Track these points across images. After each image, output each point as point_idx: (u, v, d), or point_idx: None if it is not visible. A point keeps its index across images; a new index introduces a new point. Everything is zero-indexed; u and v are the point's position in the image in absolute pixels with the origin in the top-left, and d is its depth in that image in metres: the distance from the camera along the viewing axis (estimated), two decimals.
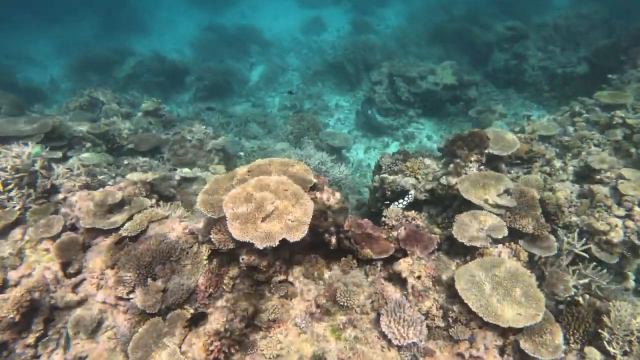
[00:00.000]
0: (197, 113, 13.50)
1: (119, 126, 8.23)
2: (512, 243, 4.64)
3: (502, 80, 14.67)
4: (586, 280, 4.68)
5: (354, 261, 4.46)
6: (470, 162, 5.99)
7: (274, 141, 11.20)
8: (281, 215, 3.73)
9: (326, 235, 4.33)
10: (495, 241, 4.61)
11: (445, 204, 6.04)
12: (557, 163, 6.20)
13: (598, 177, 5.61)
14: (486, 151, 6.00)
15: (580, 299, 4.25)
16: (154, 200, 5.43)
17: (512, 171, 6.39)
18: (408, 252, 4.29)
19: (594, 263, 4.88)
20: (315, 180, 4.37)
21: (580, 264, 4.86)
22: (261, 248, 3.57)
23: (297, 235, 3.61)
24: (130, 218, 4.76)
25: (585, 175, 5.91)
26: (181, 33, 24.88)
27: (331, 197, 4.38)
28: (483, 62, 15.74)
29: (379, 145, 13.17)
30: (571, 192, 5.69)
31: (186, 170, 6.59)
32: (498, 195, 5.17)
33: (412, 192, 6.17)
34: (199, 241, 4.45)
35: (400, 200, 6.03)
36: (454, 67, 13.37)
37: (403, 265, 4.17)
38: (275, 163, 4.53)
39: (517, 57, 14.41)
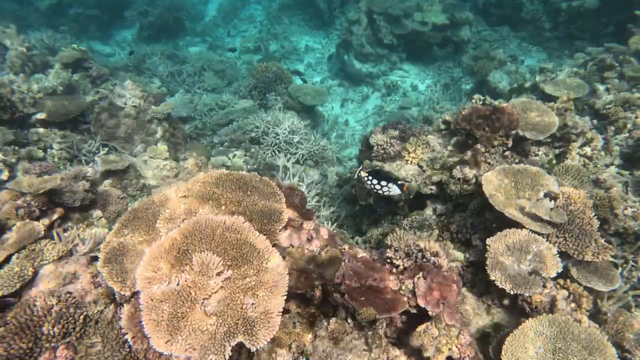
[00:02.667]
0: (140, 59, 11.19)
1: (23, 86, 6.19)
2: (566, 281, 3.33)
3: (495, 17, 12.84)
4: None
5: (349, 321, 3.07)
6: (493, 147, 4.53)
7: (235, 97, 9.28)
8: (233, 301, 2.21)
9: (307, 290, 2.88)
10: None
11: (459, 201, 4.65)
12: (599, 140, 4.81)
13: None
14: (514, 132, 4.53)
15: None
16: (54, 216, 3.75)
17: (540, 152, 4.98)
18: (430, 313, 2.91)
19: None
20: (286, 213, 2.81)
21: None
22: None
23: (262, 337, 2.11)
24: (5, 260, 3.13)
25: (638, 158, 4.58)
26: None
27: (315, 240, 2.86)
28: None
29: (357, 97, 11.45)
30: (623, 185, 4.37)
31: (111, 157, 4.82)
32: (537, 202, 3.79)
33: (408, 183, 4.69)
34: (116, 300, 2.90)
35: (375, 182, 4.32)
36: (444, 1, 11.43)
37: (425, 340, 2.81)
38: (225, 181, 2.90)
39: None
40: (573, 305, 3.14)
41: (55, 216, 3.65)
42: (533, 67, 10.45)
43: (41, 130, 6.05)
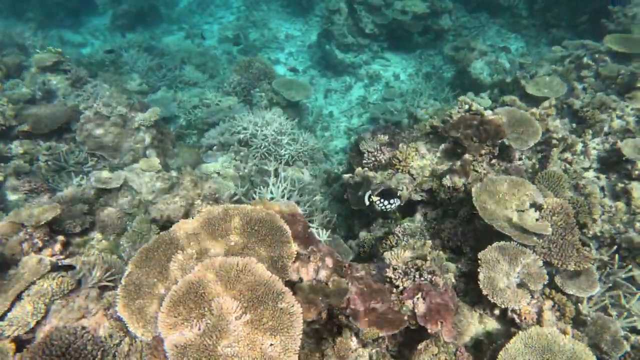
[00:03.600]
0: (116, 54, 10.87)
1: (2, 98, 6.03)
2: (551, 291, 3.59)
3: (474, 3, 12.91)
4: (633, 320, 3.82)
5: (354, 339, 3.26)
6: (480, 156, 4.72)
7: (218, 94, 9.20)
8: (253, 342, 2.35)
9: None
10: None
11: (448, 208, 4.86)
12: (577, 144, 5.06)
13: (636, 172, 4.54)
14: (500, 141, 4.73)
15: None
16: (57, 247, 3.78)
17: (523, 157, 5.21)
18: (429, 331, 3.12)
19: None
20: (294, 249, 2.94)
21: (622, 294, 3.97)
22: None
23: None
24: (16, 298, 3.18)
25: (613, 162, 4.85)
26: None
27: (322, 270, 3.01)
28: None
29: (340, 86, 11.47)
30: (599, 189, 4.65)
31: (105, 174, 4.82)
32: (523, 213, 4.02)
33: (400, 192, 4.87)
34: (130, 333, 3.01)
35: (385, 203, 4.68)
36: None
37: (426, 357, 3.03)
38: (232, 217, 2.99)
39: None
40: (558, 314, 3.41)
41: (57, 246, 3.68)
42: (513, 56, 10.66)
43: (25, 142, 5.95)
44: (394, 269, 3.46)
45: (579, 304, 3.74)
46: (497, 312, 3.57)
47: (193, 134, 8.57)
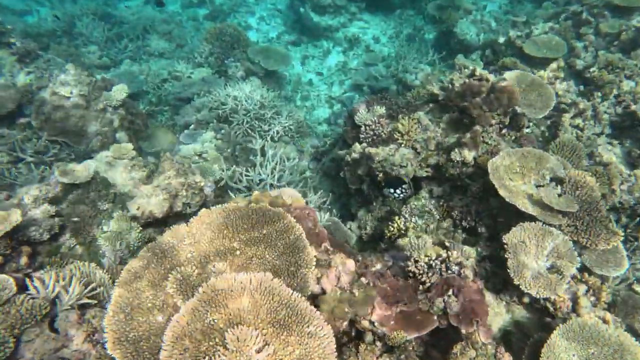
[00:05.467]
0: (69, 22, 9.76)
1: None
2: (583, 273, 3.33)
3: None
4: None
5: (377, 344, 2.92)
6: (490, 126, 4.35)
7: (189, 65, 8.40)
8: None
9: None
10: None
11: (456, 183, 4.51)
12: (589, 109, 4.75)
13: None
14: (511, 109, 4.36)
15: None
16: (23, 260, 3.21)
17: (531, 124, 4.88)
18: (463, 332, 2.80)
19: None
20: (313, 253, 2.50)
21: None
22: None
23: None
24: None
25: (627, 127, 4.58)
26: None
27: (343, 275, 2.59)
28: None
29: (318, 52, 10.79)
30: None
31: (70, 166, 4.18)
32: (545, 189, 3.71)
33: (405, 169, 4.52)
34: None
35: (394, 191, 4.46)
36: None
37: None
38: (235, 220, 2.51)
39: None
40: (592, 299, 3.17)
41: (23, 259, 3.12)
42: (496, 12, 10.22)
43: None
44: (416, 262, 3.10)
45: (605, 283, 3.53)
46: (526, 300, 3.30)
47: (165, 111, 7.84)
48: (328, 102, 9.64)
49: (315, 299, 2.42)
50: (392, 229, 4.34)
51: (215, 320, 2.04)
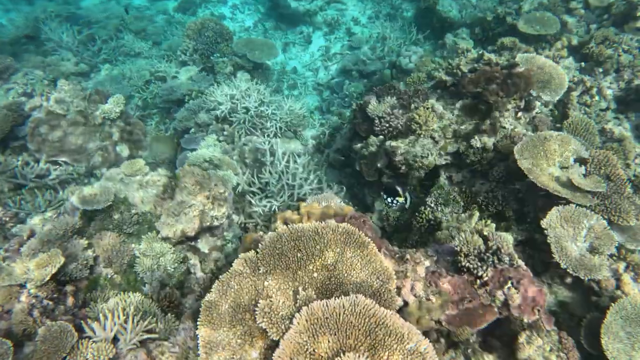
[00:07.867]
0: (32, 27, 9.14)
1: None
2: (620, 251, 3.50)
3: None
4: None
5: (441, 340, 3.00)
6: (507, 111, 4.43)
7: (171, 64, 8.08)
8: None
9: None
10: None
11: (475, 168, 4.60)
12: (594, 86, 4.89)
13: None
14: (527, 93, 4.43)
15: None
16: (70, 301, 3.09)
17: (538, 104, 4.98)
18: (525, 321, 2.91)
19: None
20: (390, 265, 2.51)
21: None
22: None
23: None
24: None
25: (631, 101, 4.76)
26: None
27: (416, 284, 2.63)
28: None
29: (299, 39, 10.59)
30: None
31: (87, 190, 3.99)
32: (570, 170, 3.84)
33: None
34: None
35: (392, 200, 4.58)
36: None
37: (531, 350, 2.83)
38: (302, 239, 2.49)
39: None
40: (632, 274, 3.34)
41: (70, 300, 3.00)
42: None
43: None
44: (466, 255, 3.17)
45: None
46: (569, 280, 3.44)
47: (154, 115, 7.57)
48: (316, 89, 9.54)
49: (399, 312, 2.45)
50: (420, 219, 4.41)
51: (317, 351, 2.04)
